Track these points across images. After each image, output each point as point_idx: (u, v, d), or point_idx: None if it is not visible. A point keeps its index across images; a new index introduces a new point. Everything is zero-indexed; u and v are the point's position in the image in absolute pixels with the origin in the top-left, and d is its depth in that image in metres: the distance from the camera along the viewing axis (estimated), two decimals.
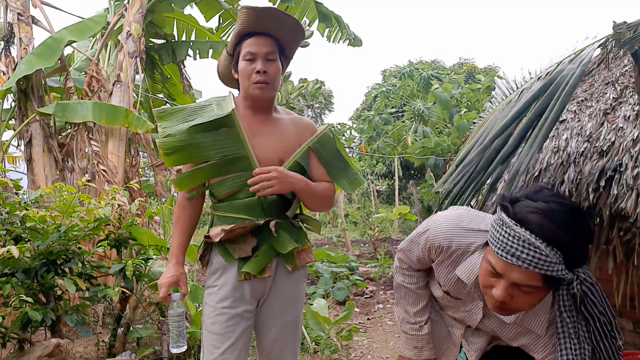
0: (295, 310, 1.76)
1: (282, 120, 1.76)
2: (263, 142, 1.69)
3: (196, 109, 1.71)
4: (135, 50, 5.30)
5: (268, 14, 1.62)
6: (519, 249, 1.04)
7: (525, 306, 1.12)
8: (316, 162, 1.77)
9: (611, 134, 2.66)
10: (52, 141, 4.83)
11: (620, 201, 2.36)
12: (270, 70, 1.65)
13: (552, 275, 1.04)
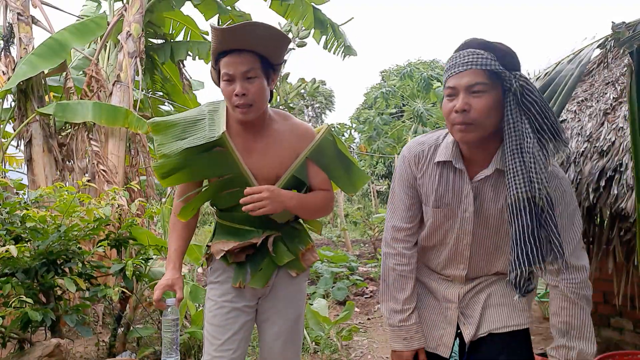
0: (297, 308, 1.77)
1: (278, 132, 1.67)
2: (258, 160, 1.65)
3: (189, 124, 1.65)
4: (135, 50, 5.30)
5: (238, 32, 1.48)
6: (461, 59, 1.29)
7: (483, 111, 1.27)
8: (315, 170, 1.72)
9: (611, 134, 2.67)
10: (52, 141, 4.83)
11: (621, 201, 2.36)
12: (251, 90, 1.52)
13: (494, 71, 1.26)
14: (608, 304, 3.36)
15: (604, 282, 3.26)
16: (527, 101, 1.27)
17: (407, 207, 1.51)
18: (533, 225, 1.27)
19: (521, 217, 1.27)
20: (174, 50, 6.15)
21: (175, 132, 1.63)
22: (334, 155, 1.76)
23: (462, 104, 1.28)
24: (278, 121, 1.70)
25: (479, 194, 1.40)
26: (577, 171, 2.64)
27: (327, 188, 1.74)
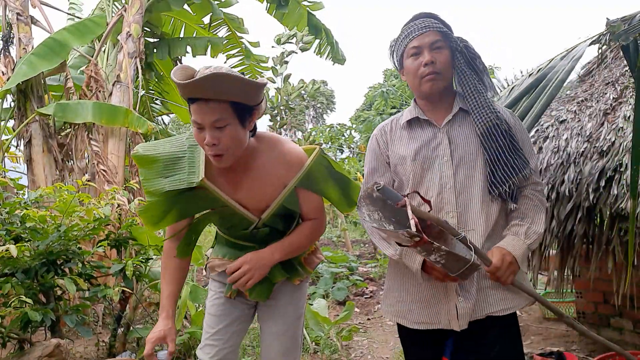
0: (298, 308, 1.78)
1: (264, 165, 1.59)
2: (246, 194, 1.61)
3: (170, 162, 1.59)
4: (135, 51, 5.30)
5: (202, 85, 1.36)
6: (419, 25, 1.54)
7: (445, 62, 1.53)
8: (306, 197, 1.66)
9: (611, 134, 2.67)
10: (52, 141, 4.83)
11: (620, 201, 2.36)
12: (223, 139, 1.42)
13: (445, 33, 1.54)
14: (608, 304, 3.36)
15: (604, 282, 3.26)
16: (471, 57, 1.56)
17: (380, 174, 1.63)
18: (507, 143, 1.49)
19: (496, 139, 1.49)
20: (171, 47, 6.13)
21: (157, 169, 1.59)
22: (327, 177, 1.69)
23: (430, 56, 1.51)
24: (264, 152, 1.60)
25: (450, 137, 1.55)
26: (577, 171, 2.64)
27: (317, 216, 1.69)
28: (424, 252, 1.29)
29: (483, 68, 1.58)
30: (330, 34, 6.70)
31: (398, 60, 1.62)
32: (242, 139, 1.48)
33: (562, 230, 2.67)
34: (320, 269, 6.23)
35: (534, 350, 3.41)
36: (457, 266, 1.31)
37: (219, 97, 1.39)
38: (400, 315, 1.60)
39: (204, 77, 1.33)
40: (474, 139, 1.53)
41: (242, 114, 1.45)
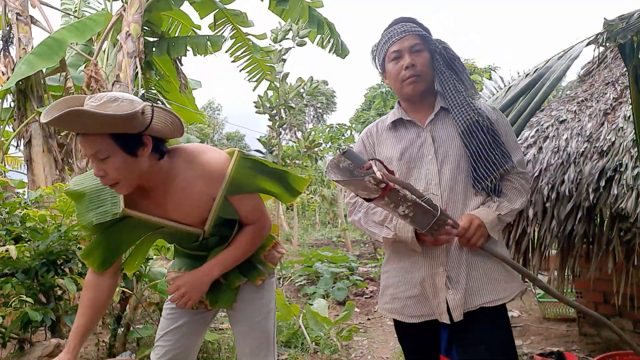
0: (262, 306, 1.76)
1: (184, 183, 1.53)
2: (175, 211, 1.57)
3: (94, 194, 1.58)
4: (135, 50, 5.30)
5: (62, 122, 1.32)
6: (399, 30, 1.60)
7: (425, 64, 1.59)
8: (240, 202, 1.61)
9: (611, 134, 2.67)
10: (52, 141, 4.83)
11: (621, 201, 2.36)
12: (109, 170, 1.39)
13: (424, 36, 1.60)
14: (608, 304, 3.36)
15: (604, 282, 3.26)
16: (450, 58, 1.62)
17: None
18: (487, 139, 1.55)
19: (476, 136, 1.55)
20: (171, 46, 6.12)
21: (85, 203, 1.59)
22: (257, 176, 1.63)
23: (410, 59, 1.57)
24: (183, 168, 1.53)
25: (434, 135, 1.61)
26: (577, 171, 2.64)
27: (256, 218, 1.66)
28: (392, 203, 1.32)
29: (462, 68, 1.65)
30: (333, 27, 6.69)
31: (380, 65, 1.68)
32: (132, 167, 1.42)
33: (562, 230, 2.67)
34: (320, 269, 6.23)
35: (534, 350, 3.41)
36: (426, 220, 1.35)
37: (87, 132, 1.35)
38: (396, 312, 1.63)
39: (57, 117, 1.27)
40: (456, 136, 1.58)
41: (125, 143, 1.38)
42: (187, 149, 1.58)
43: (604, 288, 3.33)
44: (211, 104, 33.28)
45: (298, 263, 7.24)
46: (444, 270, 1.53)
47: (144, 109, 1.37)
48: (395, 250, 1.63)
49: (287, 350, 3.68)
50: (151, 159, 1.45)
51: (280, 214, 16.62)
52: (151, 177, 1.49)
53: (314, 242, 12.45)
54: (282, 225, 17.02)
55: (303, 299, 5.51)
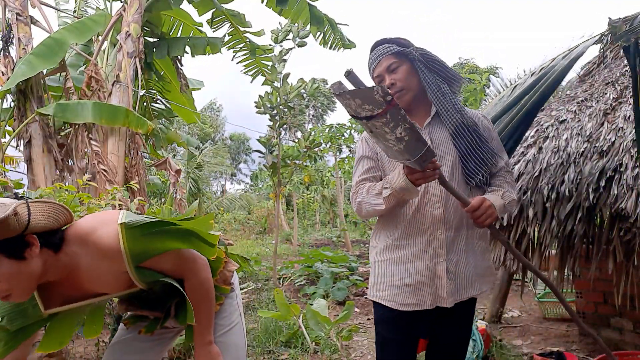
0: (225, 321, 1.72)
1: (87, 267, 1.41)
2: (100, 288, 1.48)
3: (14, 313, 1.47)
4: (135, 50, 5.29)
5: None
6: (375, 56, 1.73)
7: (403, 78, 1.70)
8: (157, 264, 1.48)
9: (611, 134, 2.67)
10: (52, 141, 4.83)
11: (621, 201, 2.36)
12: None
13: (397, 51, 1.71)
14: (608, 304, 3.36)
15: (604, 282, 3.26)
16: (430, 61, 1.73)
17: (368, 168, 1.77)
18: (475, 140, 1.68)
19: (464, 136, 1.68)
20: (171, 46, 6.13)
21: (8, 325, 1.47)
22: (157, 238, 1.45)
23: (389, 80, 1.71)
24: (79, 254, 1.41)
25: (432, 137, 1.72)
26: (577, 171, 2.64)
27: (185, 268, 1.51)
28: (392, 122, 1.35)
29: (443, 67, 1.74)
30: (333, 22, 6.67)
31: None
32: (24, 272, 1.30)
33: (562, 230, 2.67)
34: (320, 269, 6.23)
35: (534, 350, 3.41)
36: (418, 147, 1.41)
37: None
38: (388, 299, 1.71)
39: None
40: (449, 137, 1.71)
41: (7, 249, 1.27)
42: (77, 231, 1.41)
43: (604, 288, 3.33)
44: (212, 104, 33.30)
45: (298, 263, 7.24)
46: (444, 260, 1.65)
47: (16, 209, 1.23)
48: (395, 242, 1.72)
49: (287, 350, 3.68)
50: (45, 255, 1.33)
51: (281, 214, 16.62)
52: (53, 272, 1.38)
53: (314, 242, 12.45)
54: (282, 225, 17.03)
55: (303, 299, 5.51)
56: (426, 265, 1.65)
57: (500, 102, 2.83)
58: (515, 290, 4.88)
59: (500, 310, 4.22)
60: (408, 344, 1.74)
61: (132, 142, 5.25)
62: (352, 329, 3.93)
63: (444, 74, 1.74)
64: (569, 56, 2.39)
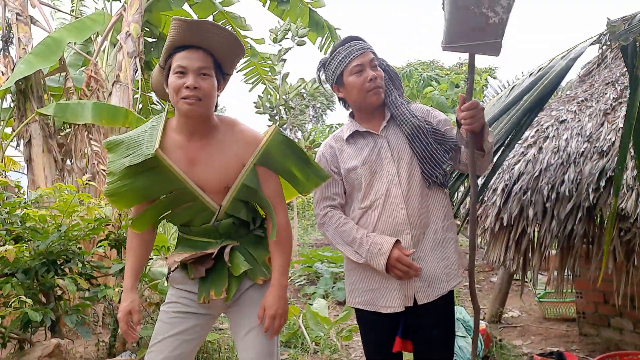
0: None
1: (222, 142, 1.63)
2: (203, 170, 1.60)
3: (132, 141, 1.64)
4: (135, 50, 5.30)
5: (200, 28, 1.52)
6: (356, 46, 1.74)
7: (382, 77, 1.76)
8: (266, 176, 1.66)
9: (611, 134, 2.67)
10: (52, 141, 4.83)
11: (621, 201, 2.36)
12: (203, 86, 1.52)
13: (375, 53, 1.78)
14: (608, 304, 3.36)
15: (604, 282, 3.26)
16: (393, 75, 1.83)
17: (332, 192, 1.82)
18: (429, 142, 1.72)
19: (421, 139, 1.73)
20: None
21: (121, 150, 1.63)
22: (286, 155, 1.69)
23: (373, 73, 1.72)
24: (223, 130, 1.65)
25: (389, 140, 1.78)
26: (577, 171, 2.64)
27: (277, 201, 1.68)
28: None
29: (400, 83, 1.87)
30: (333, 30, 6.70)
31: (337, 78, 1.78)
32: (215, 97, 1.58)
33: (562, 230, 2.67)
34: (320, 269, 6.22)
35: (534, 350, 3.41)
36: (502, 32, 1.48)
37: (209, 48, 1.54)
38: (365, 304, 1.77)
39: (206, 22, 1.52)
40: (405, 139, 1.77)
41: (218, 74, 1.59)
42: (227, 116, 1.72)
43: (604, 288, 3.33)
44: None
45: (298, 263, 7.23)
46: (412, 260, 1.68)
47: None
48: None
49: (287, 350, 3.68)
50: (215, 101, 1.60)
51: None
52: (201, 122, 1.59)
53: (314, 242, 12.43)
54: None
55: (303, 299, 5.51)
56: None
57: (498, 103, 2.83)
58: (515, 290, 4.87)
59: (500, 310, 4.22)
60: (391, 344, 1.78)
61: None
62: (352, 329, 3.93)
63: (397, 82, 1.84)
64: (567, 57, 2.39)
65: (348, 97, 1.81)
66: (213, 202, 1.61)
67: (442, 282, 1.72)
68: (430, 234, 1.73)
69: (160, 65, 1.63)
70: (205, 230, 1.65)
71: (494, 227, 3.08)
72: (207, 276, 1.65)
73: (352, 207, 1.80)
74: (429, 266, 1.71)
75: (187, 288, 1.68)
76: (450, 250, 1.76)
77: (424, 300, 1.70)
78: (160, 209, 1.67)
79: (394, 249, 1.65)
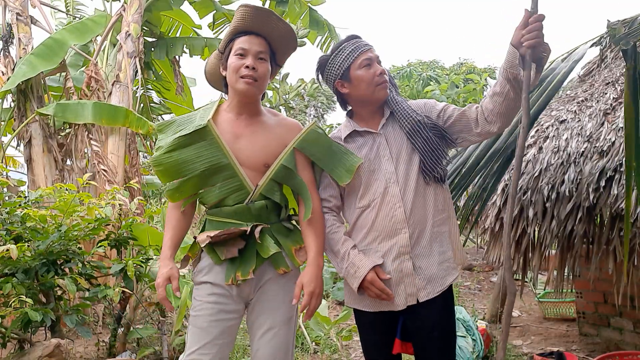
0: (288, 310, 1.72)
1: (267, 123, 1.75)
2: (246, 145, 1.69)
3: (183, 121, 1.76)
4: (134, 50, 5.30)
5: (265, 16, 1.65)
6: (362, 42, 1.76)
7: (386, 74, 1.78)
8: (304, 163, 1.76)
9: (611, 134, 2.67)
10: (52, 141, 4.83)
11: (621, 201, 2.36)
12: (260, 69, 1.66)
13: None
14: (608, 304, 3.36)
15: (604, 282, 3.26)
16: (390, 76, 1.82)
17: (329, 194, 1.81)
18: (430, 135, 1.73)
19: (421, 134, 1.73)
20: (169, 47, 6.13)
21: (173, 128, 1.75)
22: (323, 146, 1.78)
23: (382, 68, 1.75)
24: (267, 115, 1.80)
25: (387, 138, 1.78)
26: (577, 171, 2.64)
27: (313, 186, 1.77)
28: None
29: (394, 83, 1.87)
30: (332, 29, 6.70)
31: (343, 72, 1.77)
32: (267, 81, 1.73)
33: (562, 230, 2.67)
34: None
35: (534, 350, 3.41)
36: None
37: (269, 38, 1.69)
38: (364, 304, 1.75)
39: (271, 11, 1.66)
40: (404, 136, 1.77)
41: (272, 63, 1.73)
42: (270, 109, 1.89)
43: (604, 288, 3.33)
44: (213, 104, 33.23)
45: None
46: (409, 258, 1.69)
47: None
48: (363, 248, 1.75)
49: None
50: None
51: None
52: (251, 102, 1.72)
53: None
54: None
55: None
56: (392, 265, 1.69)
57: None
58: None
59: (500, 310, 4.22)
60: (390, 344, 1.76)
61: (132, 142, 5.25)
62: (352, 329, 3.93)
63: (393, 80, 1.85)
64: (568, 59, 2.39)
65: (354, 92, 1.77)
66: (250, 181, 1.67)
67: (441, 277, 1.71)
68: (428, 230, 1.72)
69: (220, 50, 1.75)
70: (237, 210, 1.68)
71: (494, 227, 3.08)
72: (235, 258, 1.66)
73: (351, 207, 1.79)
74: (427, 263, 1.70)
75: (212, 279, 1.68)
76: (446, 244, 1.75)
77: (425, 297, 1.68)
78: (197, 182, 1.70)
79: (370, 272, 1.66)
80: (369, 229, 1.73)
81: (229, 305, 1.67)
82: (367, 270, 1.66)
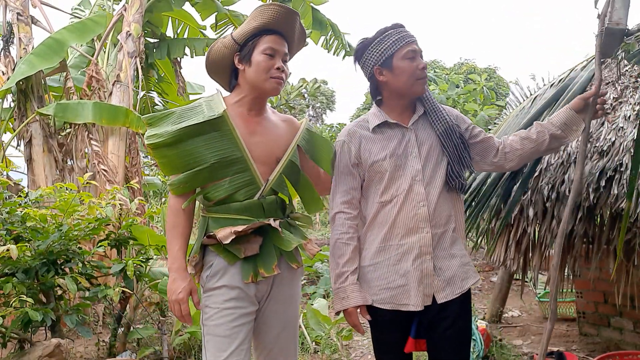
0: (295, 309, 1.76)
1: (272, 119, 1.79)
2: (260, 141, 1.68)
3: (185, 111, 1.67)
4: (135, 50, 5.30)
5: (292, 19, 1.69)
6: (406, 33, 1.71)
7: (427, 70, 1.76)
8: (304, 157, 1.83)
9: (611, 134, 2.66)
10: (52, 141, 4.83)
11: (621, 201, 2.36)
12: (285, 70, 1.73)
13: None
14: (608, 304, 3.36)
15: (604, 282, 3.26)
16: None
17: (349, 186, 1.76)
18: (460, 142, 1.73)
19: (452, 139, 1.72)
20: (171, 47, 6.13)
21: (170, 120, 1.64)
22: (317, 143, 1.87)
23: (425, 63, 1.72)
24: (270, 111, 1.83)
25: (417, 135, 1.74)
26: None
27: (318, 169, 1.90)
28: None
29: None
30: (336, 28, 6.69)
31: (385, 60, 1.71)
32: (286, 77, 1.78)
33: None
34: (320, 269, 6.23)
35: (534, 350, 3.41)
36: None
37: (289, 37, 1.72)
38: (382, 302, 1.70)
39: (296, 13, 1.69)
40: (435, 137, 1.74)
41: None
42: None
43: (604, 288, 3.33)
44: None
45: None
46: (431, 258, 1.67)
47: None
48: (381, 244, 1.71)
49: None
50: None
51: None
52: (264, 100, 1.75)
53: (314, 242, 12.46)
54: None
55: (303, 299, 5.51)
56: (413, 265, 1.66)
57: (522, 114, 2.84)
58: (515, 290, 4.88)
59: (500, 310, 4.22)
60: (403, 343, 1.75)
61: (132, 142, 5.25)
62: (353, 329, 3.93)
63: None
64: (588, 67, 2.39)
65: (393, 82, 1.71)
66: (260, 176, 1.66)
67: (461, 280, 1.71)
68: (448, 233, 1.71)
69: (237, 42, 1.68)
70: (248, 206, 1.63)
71: (494, 228, 3.08)
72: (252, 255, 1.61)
73: (370, 200, 1.74)
74: (448, 265, 1.69)
75: (227, 281, 1.61)
76: (463, 246, 1.76)
77: (443, 299, 1.67)
78: (206, 175, 1.61)
79: (354, 308, 1.66)
80: (390, 226, 1.69)
81: (247, 307, 1.62)
82: (353, 305, 1.66)
